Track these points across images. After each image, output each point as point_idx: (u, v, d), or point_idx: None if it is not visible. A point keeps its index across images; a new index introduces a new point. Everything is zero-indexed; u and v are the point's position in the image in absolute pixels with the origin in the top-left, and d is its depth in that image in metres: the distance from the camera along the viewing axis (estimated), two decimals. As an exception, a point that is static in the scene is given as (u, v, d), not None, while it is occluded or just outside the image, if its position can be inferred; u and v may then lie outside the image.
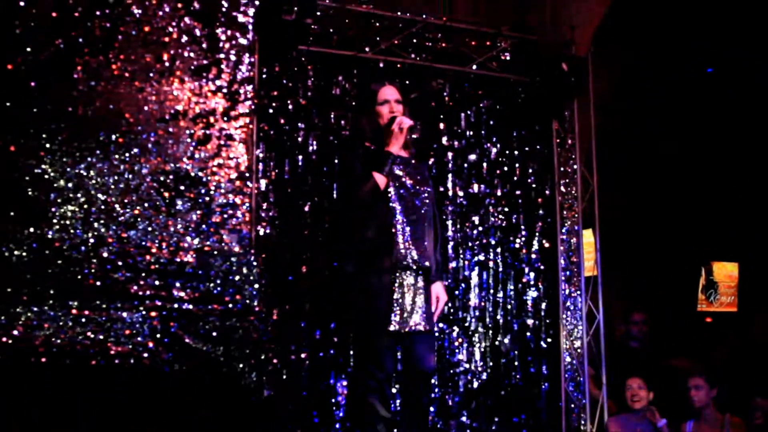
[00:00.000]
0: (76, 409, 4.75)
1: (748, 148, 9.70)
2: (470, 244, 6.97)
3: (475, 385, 6.82)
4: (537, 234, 7.26)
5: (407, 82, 6.81)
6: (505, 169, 7.17)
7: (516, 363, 6.97)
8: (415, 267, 4.60)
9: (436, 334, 6.34)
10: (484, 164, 7.10)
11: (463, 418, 6.66)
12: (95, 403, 4.83)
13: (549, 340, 7.13)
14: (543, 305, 7.18)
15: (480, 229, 7.03)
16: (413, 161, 4.87)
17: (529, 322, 7.10)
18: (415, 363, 4.65)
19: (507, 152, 7.22)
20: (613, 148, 8.18)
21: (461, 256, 6.91)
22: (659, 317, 8.81)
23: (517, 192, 7.22)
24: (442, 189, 6.87)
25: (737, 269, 10.63)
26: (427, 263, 4.65)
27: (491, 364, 6.87)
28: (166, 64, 5.29)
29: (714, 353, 9.52)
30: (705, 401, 6.70)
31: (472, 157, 7.08)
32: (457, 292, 6.88)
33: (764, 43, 8.17)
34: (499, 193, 7.13)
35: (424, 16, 6.71)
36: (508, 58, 7.16)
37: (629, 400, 6.71)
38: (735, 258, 10.60)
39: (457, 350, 6.78)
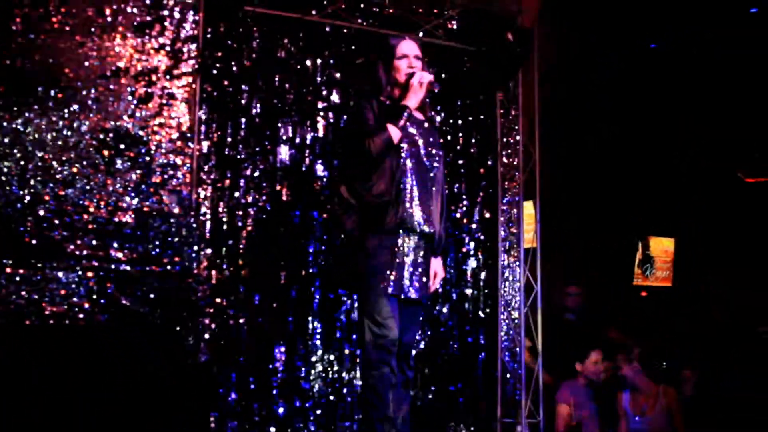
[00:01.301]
0: (9, 369, 4.65)
1: (687, 126, 9.83)
2: (412, 213, 6.95)
3: (413, 353, 6.83)
4: (478, 204, 7.27)
5: (353, 47, 6.74)
6: (448, 138, 7.15)
7: (454, 332, 6.99)
8: (418, 230, 4.45)
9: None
10: (428, 132, 7.07)
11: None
12: (28, 362, 4.74)
13: (487, 310, 7.16)
14: (482, 275, 7.21)
15: (422, 197, 7.01)
16: (426, 125, 4.72)
17: (468, 291, 7.12)
18: (404, 332, 4.49)
19: (451, 121, 7.20)
20: (555, 121, 8.22)
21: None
22: (595, 290, 8.93)
23: (460, 161, 7.21)
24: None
25: (673, 244, 10.80)
26: (431, 229, 4.49)
27: (429, 333, 6.88)
28: (108, 19, 5.16)
29: (648, 326, 9.68)
30: (631, 375, 6.85)
31: (416, 125, 7.05)
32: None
33: (704, 24, 8.28)
34: (441, 161, 7.12)
35: (371, -19, 6.66)
36: (455, 26, 7.12)
37: (594, 373, 6.81)
38: (671, 233, 10.76)
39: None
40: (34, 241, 4.90)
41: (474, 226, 7.23)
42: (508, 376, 7.08)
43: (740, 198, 9.91)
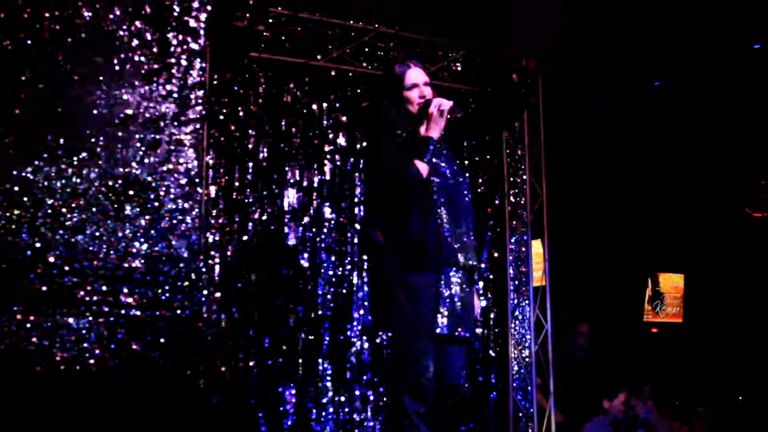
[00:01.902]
0: (20, 416, 4.67)
1: (696, 162, 9.84)
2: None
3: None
4: (486, 243, 7.29)
5: (358, 90, 6.82)
6: (456, 178, 7.18)
7: (465, 372, 6.98)
8: (461, 264, 4.19)
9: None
10: (435, 174, 7.11)
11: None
12: (39, 410, 4.75)
13: (498, 349, 7.16)
14: (492, 314, 7.22)
15: (430, 238, 7.04)
16: (444, 150, 4.43)
17: (478, 331, 7.12)
18: (443, 373, 4.18)
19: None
20: (562, 160, 8.25)
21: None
22: (606, 327, 8.91)
23: (467, 201, 7.24)
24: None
25: (683, 280, 10.78)
26: (472, 261, 4.24)
27: (440, 372, 6.87)
28: (116, 67, 5.21)
29: (659, 363, 9.64)
30: (645, 414, 6.81)
31: (423, 166, 7.09)
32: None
33: (709, 60, 8.32)
34: (449, 202, 7.15)
35: (376, 26, 6.72)
36: (459, 68, 7.19)
37: (621, 412, 6.77)
38: (681, 269, 10.74)
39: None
40: (44, 288, 4.93)
41: (483, 265, 7.24)
42: (520, 415, 7.06)
43: (749, 232, 9.90)
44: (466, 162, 7.30)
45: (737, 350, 9.77)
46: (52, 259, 4.90)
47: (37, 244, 4.86)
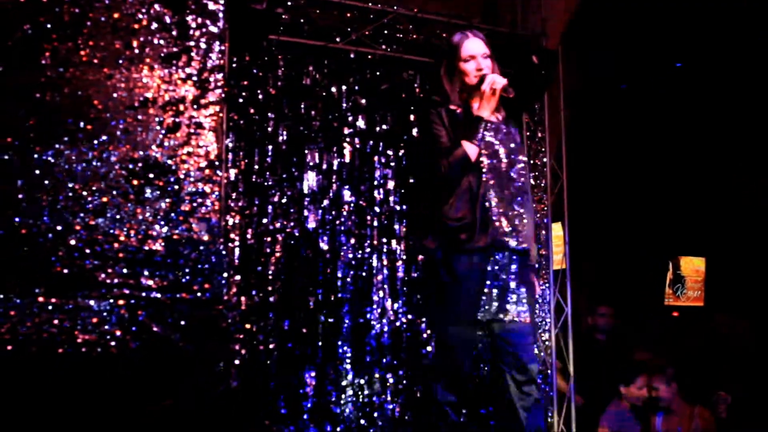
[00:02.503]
0: (42, 398, 4.71)
1: (717, 143, 9.76)
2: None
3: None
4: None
5: (378, 73, 6.80)
6: (475, 161, 7.16)
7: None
8: (510, 248, 4.03)
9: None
10: (455, 156, 7.08)
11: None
12: (62, 391, 4.79)
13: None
14: (511, 298, 7.19)
15: (450, 221, 7.02)
16: (503, 126, 4.27)
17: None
18: (512, 358, 4.03)
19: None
20: (582, 142, 8.21)
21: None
22: (626, 311, 8.87)
23: (487, 184, 7.21)
24: (413, 180, 6.79)
25: (704, 264, 10.72)
26: (524, 245, 4.06)
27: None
28: (136, 51, 5.23)
29: (680, 347, 9.59)
30: (669, 397, 6.76)
31: (443, 148, 7.07)
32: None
33: (732, 39, 8.24)
34: (469, 185, 7.13)
35: (395, 8, 6.69)
36: (479, 49, 7.15)
37: (638, 397, 6.71)
38: (702, 253, 10.68)
39: (425, 342, 6.77)
40: (65, 271, 4.96)
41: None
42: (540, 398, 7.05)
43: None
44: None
45: (759, 334, 9.71)
46: (73, 242, 4.93)
47: (59, 227, 4.89)
